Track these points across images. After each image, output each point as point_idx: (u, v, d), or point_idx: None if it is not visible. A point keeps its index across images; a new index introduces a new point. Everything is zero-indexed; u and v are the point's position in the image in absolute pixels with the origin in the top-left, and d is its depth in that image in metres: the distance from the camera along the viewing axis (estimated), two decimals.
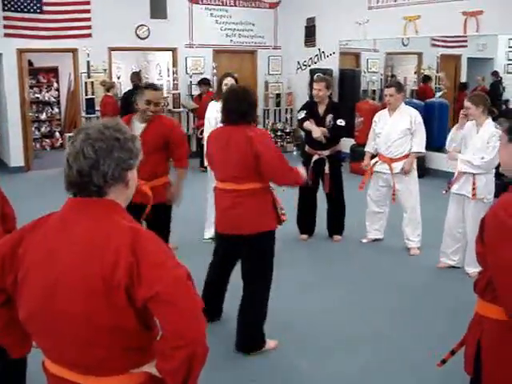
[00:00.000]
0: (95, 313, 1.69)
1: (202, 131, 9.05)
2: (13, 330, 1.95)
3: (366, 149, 6.51)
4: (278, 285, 4.25)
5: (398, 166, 6.14)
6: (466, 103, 5.31)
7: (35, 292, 1.75)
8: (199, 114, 10.29)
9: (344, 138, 7.20)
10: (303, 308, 4.90)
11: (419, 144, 6.14)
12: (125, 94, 10.53)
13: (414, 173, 6.24)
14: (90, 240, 1.72)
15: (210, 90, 10.81)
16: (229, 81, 6.05)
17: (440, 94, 11.03)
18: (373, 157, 6.43)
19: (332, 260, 6.16)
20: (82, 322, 1.70)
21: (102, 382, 1.79)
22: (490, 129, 5.18)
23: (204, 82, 10.99)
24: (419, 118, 6.15)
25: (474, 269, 5.05)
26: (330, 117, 6.38)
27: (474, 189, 5.26)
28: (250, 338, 4.16)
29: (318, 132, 6.27)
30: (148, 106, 4.56)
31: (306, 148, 6.54)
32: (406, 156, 6.14)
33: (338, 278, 5.61)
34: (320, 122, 6.38)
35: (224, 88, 6.04)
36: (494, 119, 5.32)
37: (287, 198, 4.34)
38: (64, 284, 1.71)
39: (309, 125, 6.37)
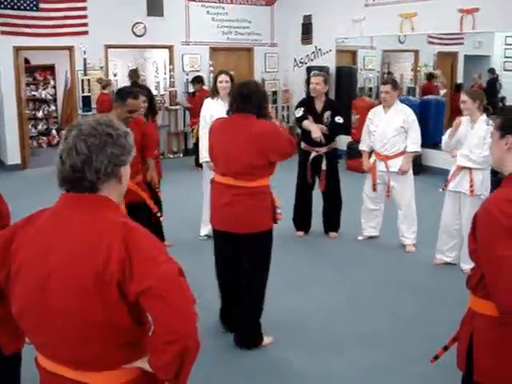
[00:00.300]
0: (88, 308, 1.69)
1: (193, 130, 9.06)
2: (6, 326, 1.95)
3: (362, 147, 6.51)
4: (273, 282, 4.25)
5: (393, 164, 6.14)
6: (463, 96, 5.30)
7: (28, 288, 1.75)
8: (193, 112, 10.26)
9: (341, 136, 7.21)
10: (299, 305, 4.91)
11: (415, 143, 6.13)
12: None
13: (410, 170, 6.23)
14: (82, 236, 1.72)
15: (204, 87, 10.81)
16: (223, 78, 6.05)
17: (444, 91, 11.05)
18: (369, 154, 6.43)
19: (328, 257, 6.16)
20: (75, 318, 1.71)
21: (94, 378, 1.79)
22: (484, 125, 5.19)
23: (197, 80, 10.98)
24: (413, 116, 6.14)
25: (469, 265, 5.04)
26: (327, 114, 6.37)
27: (471, 186, 5.28)
28: (250, 334, 4.17)
29: (317, 132, 6.23)
30: (131, 115, 4.67)
31: (303, 145, 6.51)
32: (401, 153, 6.13)
33: (334, 276, 5.61)
34: (318, 119, 6.36)
35: (219, 85, 6.04)
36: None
37: (282, 194, 4.33)
38: (57, 279, 1.71)
39: (308, 124, 6.34)
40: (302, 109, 6.44)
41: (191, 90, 11.47)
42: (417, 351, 4.04)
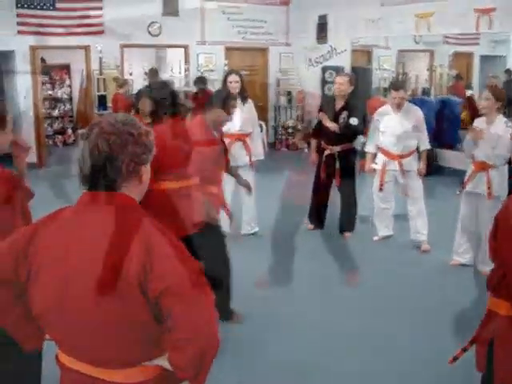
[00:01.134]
0: (108, 307, 1.69)
1: None
2: (26, 324, 1.94)
3: (368, 149, 6.52)
4: (285, 281, 4.25)
5: (406, 162, 6.18)
6: (487, 94, 5.21)
7: (48, 286, 1.76)
8: (198, 112, 10.24)
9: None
10: (309, 305, 4.89)
11: (426, 140, 6.30)
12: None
13: (416, 166, 6.26)
14: (103, 234, 1.72)
15: (209, 87, 10.83)
16: (233, 78, 6.03)
17: (471, 92, 10.99)
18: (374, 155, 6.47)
19: (343, 257, 6.13)
20: (95, 317, 1.71)
21: (114, 375, 1.79)
22: (502, 126, 5.14)
23: (200, 81, 11.00)
24: (422, 116, 6.27)
25: (488, 267, 4.99)
26: (344, 114, 6.38)
27: (489, 188, 5.22)
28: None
29: (331, 123, 6.32)
30: None
31: (322, 144, 6.59)
32: (412, 152, 6.22)
33: (346, 276, 5.58)
34: (335, 118, 6.39)
35: (229, 85, 6.00)
36: None
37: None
38: (77, 279, 1.72)
39: (323, 116, 6.38)
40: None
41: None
42: (432, 353, 4.02)
